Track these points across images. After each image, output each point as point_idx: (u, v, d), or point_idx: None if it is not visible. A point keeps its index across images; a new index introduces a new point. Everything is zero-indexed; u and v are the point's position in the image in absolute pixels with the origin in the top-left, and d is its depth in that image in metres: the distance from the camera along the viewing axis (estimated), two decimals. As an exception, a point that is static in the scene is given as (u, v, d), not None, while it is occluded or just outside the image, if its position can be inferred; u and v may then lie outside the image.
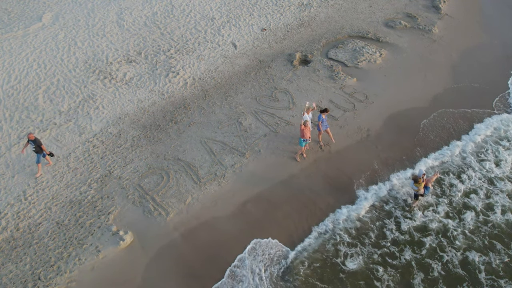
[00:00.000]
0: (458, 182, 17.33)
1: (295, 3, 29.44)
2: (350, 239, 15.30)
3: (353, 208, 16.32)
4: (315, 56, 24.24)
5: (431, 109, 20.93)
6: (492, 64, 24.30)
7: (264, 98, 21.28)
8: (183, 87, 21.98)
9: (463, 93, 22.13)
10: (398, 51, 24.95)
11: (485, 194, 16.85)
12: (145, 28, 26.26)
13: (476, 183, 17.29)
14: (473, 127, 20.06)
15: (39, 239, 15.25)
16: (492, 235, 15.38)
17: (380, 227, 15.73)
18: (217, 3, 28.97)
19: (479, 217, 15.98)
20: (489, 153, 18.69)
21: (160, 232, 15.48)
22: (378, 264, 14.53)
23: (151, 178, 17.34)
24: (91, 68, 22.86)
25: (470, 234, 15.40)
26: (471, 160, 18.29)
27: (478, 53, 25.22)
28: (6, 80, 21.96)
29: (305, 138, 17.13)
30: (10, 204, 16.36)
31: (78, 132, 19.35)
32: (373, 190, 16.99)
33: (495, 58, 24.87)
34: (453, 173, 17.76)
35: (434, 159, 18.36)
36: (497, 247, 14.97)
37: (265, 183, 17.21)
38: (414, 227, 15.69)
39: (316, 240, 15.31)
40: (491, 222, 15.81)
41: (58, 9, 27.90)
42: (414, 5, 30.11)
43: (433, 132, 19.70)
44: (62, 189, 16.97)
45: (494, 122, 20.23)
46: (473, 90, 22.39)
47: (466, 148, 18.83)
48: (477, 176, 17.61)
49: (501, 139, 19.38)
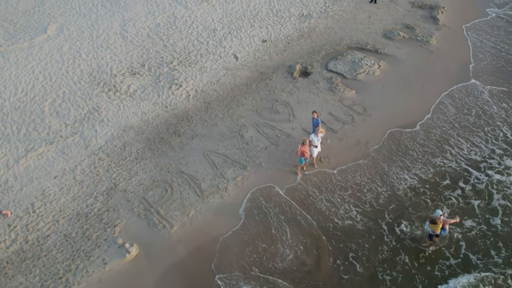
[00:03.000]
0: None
1: (295, 14, 29.95)
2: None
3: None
4: (315, 68, 24.74)
5: (427, 122, 21.44)
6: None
7: (265, 111, 21.79)
8: (186, 100, 22.49)
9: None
10: (397, 63, 25.45)
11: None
12: (148, 39, 26.77)
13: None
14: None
15: (47, 251, 15.76)
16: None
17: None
18: (218, 14, 29.48)
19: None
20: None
21: (165, 244, 16.00)
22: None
23: (155, 191, 17.85)
24: (95, 80, 23.36)
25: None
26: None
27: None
28: (13, 92, 22.47)
29: (305, 157, 17.59)
30: (19, 217, 16.87)
31: (84, 145, 19.85)
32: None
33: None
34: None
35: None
36: None
37: (265, 196, 17.71)
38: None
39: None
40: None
41: (63, 20, 28.40)
42: (412, 15, 30.63)
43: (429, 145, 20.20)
44: (69, 202, 17.47)
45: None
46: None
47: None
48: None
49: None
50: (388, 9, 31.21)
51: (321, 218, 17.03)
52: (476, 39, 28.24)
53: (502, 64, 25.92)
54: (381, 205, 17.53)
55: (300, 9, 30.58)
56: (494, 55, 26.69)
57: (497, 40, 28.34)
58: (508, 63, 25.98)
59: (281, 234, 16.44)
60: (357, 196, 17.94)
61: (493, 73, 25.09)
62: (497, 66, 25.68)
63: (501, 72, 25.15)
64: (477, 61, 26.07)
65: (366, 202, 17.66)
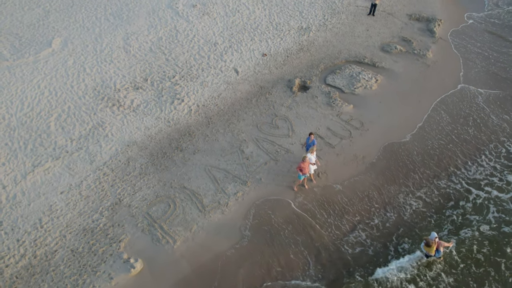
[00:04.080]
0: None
1: (294, 27, 30.57)
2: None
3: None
4: (313, 82, 25.35)
5: (421, 138, 22.06)
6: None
7: (264, 125, 22.40)
8: (188, 114, 23.10)
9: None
10: (393, 77, 26.06)
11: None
12: (151, 53, 27.39)
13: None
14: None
15: (55, 266, 16.36)
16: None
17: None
18: (219, 27, 30.11)
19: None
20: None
21: (168, 259, 16.60)
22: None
23: (158, 206, 18.46)
24: (100, 95, 23.97)
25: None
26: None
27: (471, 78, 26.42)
28: (20, 107, 23.08)
29: (303, 173, 18.21)
30: (27, 232, 17.48)
31: (89, 160, 20.45)
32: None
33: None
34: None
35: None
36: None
37: (265, 211, 18.32)
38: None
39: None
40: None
41: (67, 34, 29.02)
42: (409, 28, 31.24)
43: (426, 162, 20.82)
44: (76, 217, 18.08)
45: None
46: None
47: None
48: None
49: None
50: (386, 21, 31.81)
51: (323, 232, 17.62)
52: (464, 49, 28.98)
53: (494, 71, 26.82)
54: (382, 227, 18.12)
55: (299, 22, 31.20)
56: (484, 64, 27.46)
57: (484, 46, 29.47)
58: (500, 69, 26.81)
59: (285, 250, 17.01)
60: (346, 209, 18.54)
61: (486, 82, 26.00)
62: (489, 73, 26.70)
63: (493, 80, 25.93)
64: (467, 69, 27.09)
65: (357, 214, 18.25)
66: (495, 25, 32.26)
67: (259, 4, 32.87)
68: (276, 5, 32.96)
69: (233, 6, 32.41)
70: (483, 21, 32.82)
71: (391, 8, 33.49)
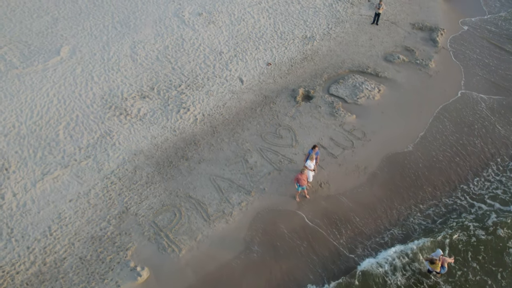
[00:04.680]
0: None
1: (299, 36, 31.02)
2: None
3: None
4: (317, 91, 25.78)
5: (423, 148, 22.46)
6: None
7: (268, 135, 22.84)
8: (193, 123, 23.58)
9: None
10: (396, 87, 26.46)
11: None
12: (157, 62, 27.90)
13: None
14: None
15: (64, 273, 16.86)
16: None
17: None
18: (225, 36, 30.60)
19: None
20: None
21: (174, 267, 17.08)
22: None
23: (164, 215, 18.94)
24: (107, 104, 24.48)
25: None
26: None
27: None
28: (29, 116, 23.62)
29: (301, 185, 18.63)
30: (37, 240, 18.00)
31: (97, 169, 20.96)
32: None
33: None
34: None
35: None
36: None
37: (269, 221, 18.79)
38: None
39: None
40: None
41: (75, 42, 29.57)
42: (412, 37, 31.63)
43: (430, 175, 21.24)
44: (84, 225, 18.59)
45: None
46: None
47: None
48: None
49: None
50: (389, 31, 32.22)
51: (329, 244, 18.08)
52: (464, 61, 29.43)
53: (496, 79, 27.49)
54: (382, 238, 18.55)
55: (303, 31, 31.64)
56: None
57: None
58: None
59: (289, 260, 17.47)
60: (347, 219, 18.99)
61: (488, 88, 26.60)
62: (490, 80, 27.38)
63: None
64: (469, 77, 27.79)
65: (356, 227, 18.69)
66: (491, 32, 32.80)
67: (264, 13, 33.33)
68: (281, 14, 33.42)
69: (238, 15, 32.89)
70: (478, 27, 33.35)
71: (394, 17, 33.87)
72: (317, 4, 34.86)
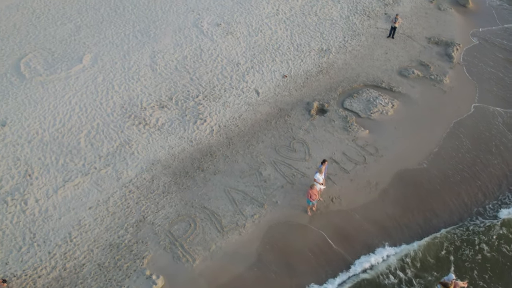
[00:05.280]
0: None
1: (315, 49, 31.51)
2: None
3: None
4: (331, 105, 26.26)
5: (436, 164, 22.83)
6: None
7: (282, 148, 23.39)
8: (210, 135, 24.23)
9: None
10: (410, 102, 26.81)
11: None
12: (176, 72, 28.64)
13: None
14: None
15: (83, 279, 17.62)
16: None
17: None
18: (242, 47, 31.23)
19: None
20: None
21: (188, 277, 17.73)
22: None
23: (180, 225, 19.61)
24: (127, 113, 25.27)
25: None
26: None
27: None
28: (52, 123, 24.50)
29: (312, 199, 19.16)
30: (58, 245, 18.81)
31: (116, 177, 21.72)
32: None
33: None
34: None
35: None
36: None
37: (280, 234, 19.36)
38: None
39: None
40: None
41: (97, 50, 30.46)
42: (428, 52, 31.89)
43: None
44: (103, 232, 19.35)
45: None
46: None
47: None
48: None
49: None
50: (405, 44, 32.54)
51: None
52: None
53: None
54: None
55: (320, 43, 32.13)
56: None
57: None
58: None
59: (300, 273, 18.02)
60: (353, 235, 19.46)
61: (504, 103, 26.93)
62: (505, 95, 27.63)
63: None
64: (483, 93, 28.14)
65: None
66: (503, 44, 33.02)
67: (282, 24, 33.90)
68: (298, 25, 33.95)
69: (256, 26, 33.50)
70: (491, 39, 33.71)
71: (410, 30, 34.16)
72: (334, 16, 35.30)
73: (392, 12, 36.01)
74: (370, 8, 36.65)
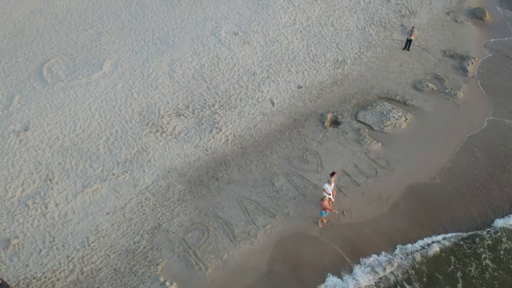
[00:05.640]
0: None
1: (330, 60, 31.91)
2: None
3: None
4: (345, 117, 26.64)
5: (447, 179, 23.10)
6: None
7: (295, 160, 23.85)
8: (225, 144, 24.79)
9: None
10: (423, 116, 27.08)
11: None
12: (193, 81, 29.27)
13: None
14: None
15: (100, 283, 18.29)
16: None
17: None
18: (258, 57, 31.76)
19: None
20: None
21: (200, 285, 18.29)
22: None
23: (193, 233, 20.19)
24: (145, 120, 25.95)
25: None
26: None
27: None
28: (72, 128, 25.28)
29: (325, 211, 19.62)
30: (76, 249, 19.51)
31: (133, 184, 22.39)
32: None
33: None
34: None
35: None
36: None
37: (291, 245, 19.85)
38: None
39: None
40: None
41: (117, 57, 31.24)
42: (443, 65, 32.07)
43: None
44: (119, 238, 20.01)
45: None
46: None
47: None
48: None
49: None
50: (420, 57, 32.76)
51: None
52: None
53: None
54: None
55: (335, 54, 32.52)
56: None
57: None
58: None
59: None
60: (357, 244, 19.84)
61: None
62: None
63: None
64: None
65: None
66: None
67: (298, 34, 34.36)
68: (314, 36, 34.37)
69: (273, 36, 34.01)
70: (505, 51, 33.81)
71: (426, 43, 34.37)
72: (350, 27, 35.66)
73: (408, 23, 36.25)
74: (386, 19, 36.92)
